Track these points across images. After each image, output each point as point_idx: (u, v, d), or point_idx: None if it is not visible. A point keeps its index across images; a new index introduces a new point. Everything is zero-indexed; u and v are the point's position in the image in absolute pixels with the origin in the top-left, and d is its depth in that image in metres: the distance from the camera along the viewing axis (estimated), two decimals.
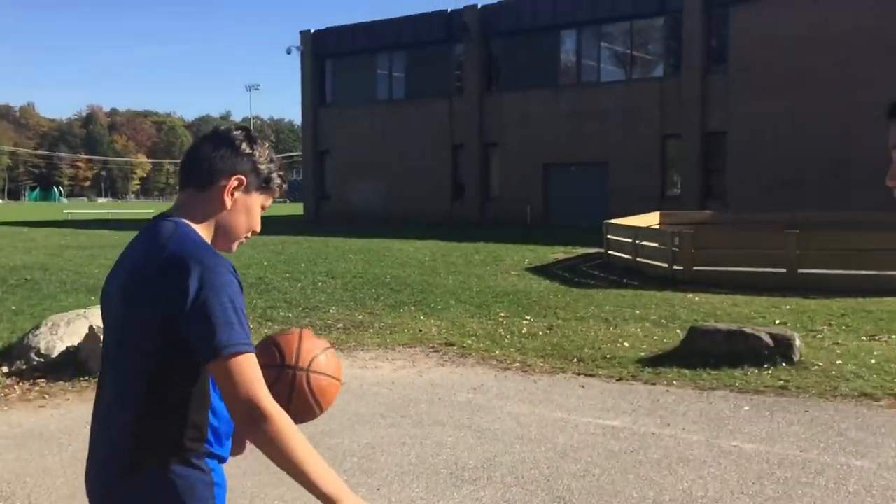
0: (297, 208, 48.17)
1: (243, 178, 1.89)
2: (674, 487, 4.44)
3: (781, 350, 6.96)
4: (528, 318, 9.76)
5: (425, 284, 12.51)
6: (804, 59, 24.06)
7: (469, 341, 8.45)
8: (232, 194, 1.88)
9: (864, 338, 8.16)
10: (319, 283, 12.58)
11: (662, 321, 9.31)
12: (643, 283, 12.43)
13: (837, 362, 7.04)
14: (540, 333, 8.82)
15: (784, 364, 6.88)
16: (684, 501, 4.25)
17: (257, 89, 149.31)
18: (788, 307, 9.97)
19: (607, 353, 7.75)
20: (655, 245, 13.69)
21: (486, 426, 5.62)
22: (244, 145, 1.90)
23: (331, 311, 10.30)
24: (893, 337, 8.14)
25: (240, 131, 1.93)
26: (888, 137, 1.69)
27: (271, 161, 1.95)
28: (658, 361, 7.33)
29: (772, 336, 7.07)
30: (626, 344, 8.12)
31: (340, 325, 9.38)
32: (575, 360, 7.58)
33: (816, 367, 6.86)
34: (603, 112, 27.75)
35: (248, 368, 1.69)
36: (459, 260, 15.97)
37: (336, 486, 1.73)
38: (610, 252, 15.32)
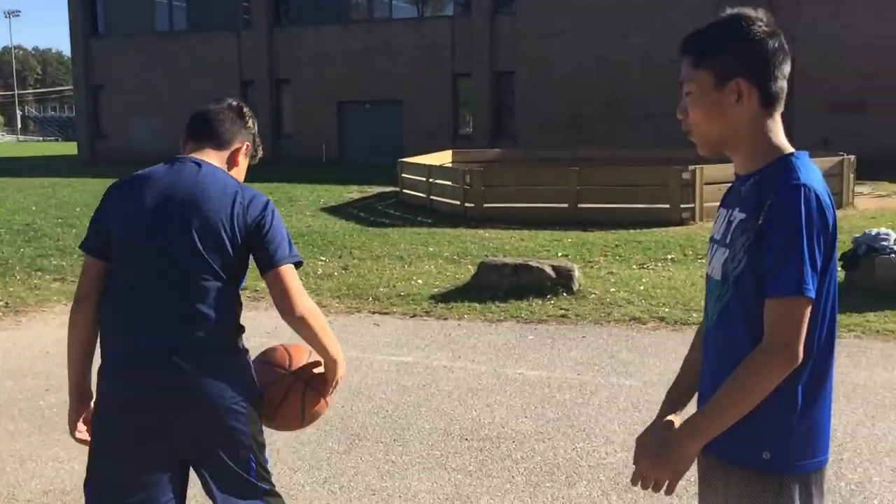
0: (70, 148, 44.48)
1: (249, 145, 2.53)
2: (463, 417, 4.61)
3: (563, 281, 7.38)
4: (324, 258, 9.68)
5: None
6: (586, 1, 25.20)
7: (263, 284, 8.25)
8: (242, 156, 2.50)
9: (634, 267, 8.83)
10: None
11: (455, 257, 9.57)
12: (436, 221, 12.68)
13: (611, 290, 7.58)
14: (335, 274, 8.79)
15: (565, 294, 7.31)
16: (473, 429, 4.43)
17: (18, 15, 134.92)
18: (570, 240, 10.58)
19: (402, 290, 7.86)
20: (448, 183, 13.98)
21: None
22: (251, 121, 2.56)
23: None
24: (659, 265, 8.87)
25: (248, 108, 2.59)
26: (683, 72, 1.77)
27: (258, 135, 2.63)
28: (450, 297, 7.54)
29: (554, 268, 7.48)
30: (420, 281, 8.28)
31: None
32: (370, 298, 7.63)
33: (593, 296, 7.35)
34: (395, 50, 27.70)
35: (297, 275, 2.25)
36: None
37: (339, 351, 2.32)
38: (404, 191, 15.47)
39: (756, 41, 1.71)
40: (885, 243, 7.24)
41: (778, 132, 1.74)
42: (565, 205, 12.60)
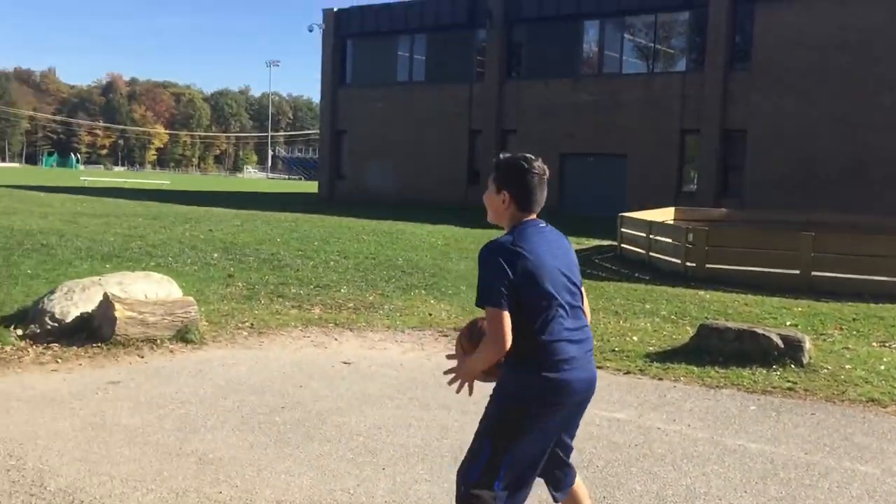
0: (312, 186, 48.25)
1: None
2: (677, 483, 4.46)
3: (791, 352, 6.95)
4: None
5: (437, 269, 12.54)
6: (827, 59, 23.86)
7: None
8: None
9: (874, 344, 8.13)
10: (332, 263, 12.63)
11: (673, 317, 9.31)
12: (655, 278, 12.41)
13: (846, 367, 7.02)
14: None
15: (793, 366, 6.87)
16: (687, 497, 4.27)
17: (277, 65, 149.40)
18: (800, 309, 9.94)
19: (616, 346, 7.76)
20: (669, 240, 13.66)
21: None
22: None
23: (342, 290, 10.34)
24: None
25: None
26: None
27: None
28: (666, 357, 7.34)
29: (782, 337, 7.06)
30: (634, 338, 8.13)
31: (351, 305, 9.41)
32: None
33: (825, 371, 6.85)
34: (623, 104, 27.64)
35: (490, 314, 2.86)
36: (472, 246, 15.98)
37: (472, 364, 2.99)
38: (623, 245, 15.30)
39: None
40: None
41: None
42: (796, 271, 11.88)
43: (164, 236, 14.98)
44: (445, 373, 3.18)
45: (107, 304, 6.86)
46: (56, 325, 6.93)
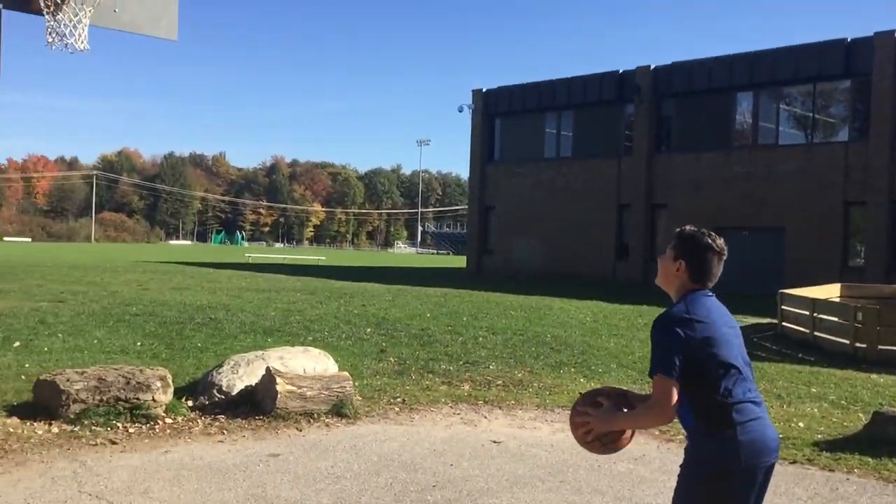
0: (460, 261, 49.04)
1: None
2: None
3: None
4: None
5: (586, 346, 12.36)
6: None
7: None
8: None
9: None
10: (480, 338, 12.71)
11: (842, 402, 8.71)
12: (821, 360, 11.69)
13: None
14: None
15: None
16: None
17: (427, 144, 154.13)
18: None
19: (780, 432, 7.29)
20: (836, 319, 12.86)
21: (649, 500, 5.44)
22: None
23: (490, 367, 10.36)
24: None
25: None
26: None
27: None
28: (837, 446, 6.85)
29: None
30: (801, 424, 7.65)
31: (500, 382, 9.41)
32: None
33: None
34: (780, 176, 26.61)
35: (658, 382, 2.93)
36: (622, 322, 15.67)
37: (619, 422, 3.08)
38: (784, 324, 14.54)
39: None
40: None
41: None
42: None
43: (321, 311, 15.60)
44: (575, 417, 3.18)
45: (269, 378, 7.19)
46: (223, 397, 7.33)
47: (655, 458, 6.52)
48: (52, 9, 5.81)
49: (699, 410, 2.85)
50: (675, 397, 2.83)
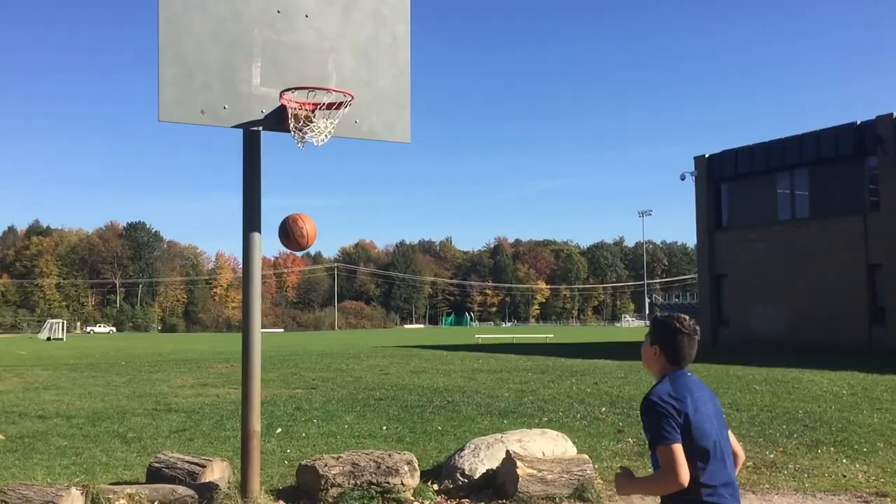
0: None
1: None
2: None
3: None
4: None
5: (845, 422, 11.31)
6: None
7: None
8: None
9: None
10: (724, 415, 12.03)
11: None
12: None
13: None
14: None
15: None
16: None
17: (650, 214, 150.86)
18: None
19: None
20: None
21: None
22: None
23: None
24: None
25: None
26: None
27: None
28: None
29: None
30: None
31: (750, 464, 8.82)
32: None
33: None
34: None
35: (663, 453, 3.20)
36: (885, 395, 14.21)
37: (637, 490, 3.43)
38: None
39: None
40: None
41: None
42: None
43: (553, 391, 15.56)
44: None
45: (510, 461, 7.25)
46: (466, 480, 7.47)
47: None
48: (300, 125, 6.48)
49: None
50: (682, 458, 3.12)
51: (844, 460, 8.93)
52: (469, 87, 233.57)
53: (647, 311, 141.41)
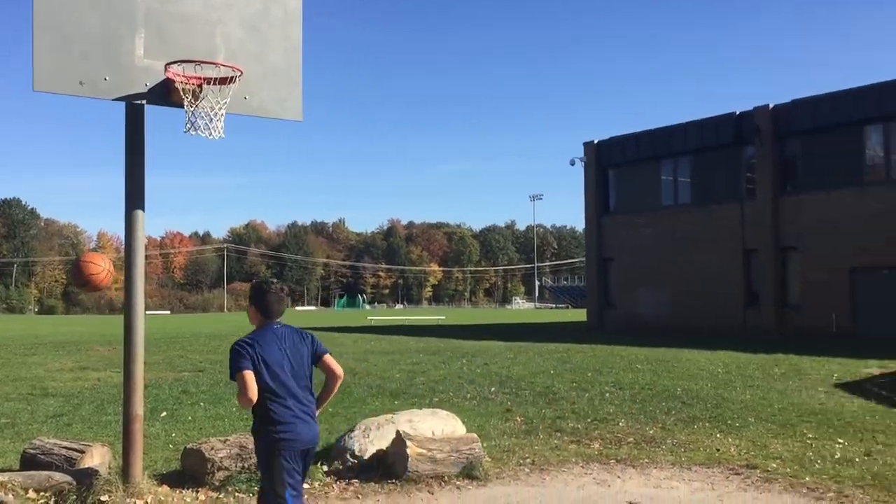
0: (579, 315, 48.38)
1: None
2: None
3: None
4: (842, 441, 8.89)
5: (720, 398, 11.91)
6: None
7: (773, 464, 7.87)
8: None
9: None
10: (607, 394, 12.47)
11: None
12: None
13: None
14: (857, 460, 7.99)
15: None
16: None
17: (540, 199, 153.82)
18: None
19: None
20: None
21: None
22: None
23: (620, 423, 10.13)
24: None
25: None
26: None
27: None
28: None
29: None
30: None
31: (631, 440, 9.18)
32: None
33: None
34: None
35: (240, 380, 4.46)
36: (756, 373, 15.03)
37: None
38: None
39: None
40: None
41: None
42: None
43: (445, 371, 15.71)
44: None
45: (399, 441, 7.28)
46: (355, 461, 7.47)
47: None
48: (191, 100, 6.25)
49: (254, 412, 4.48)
50: (250, 384, 4.31)
51: (718, 435, 9.41)
52: (363, 68, 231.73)
53: (537, 294, 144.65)
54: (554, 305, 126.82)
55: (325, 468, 7.48)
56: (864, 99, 26.65)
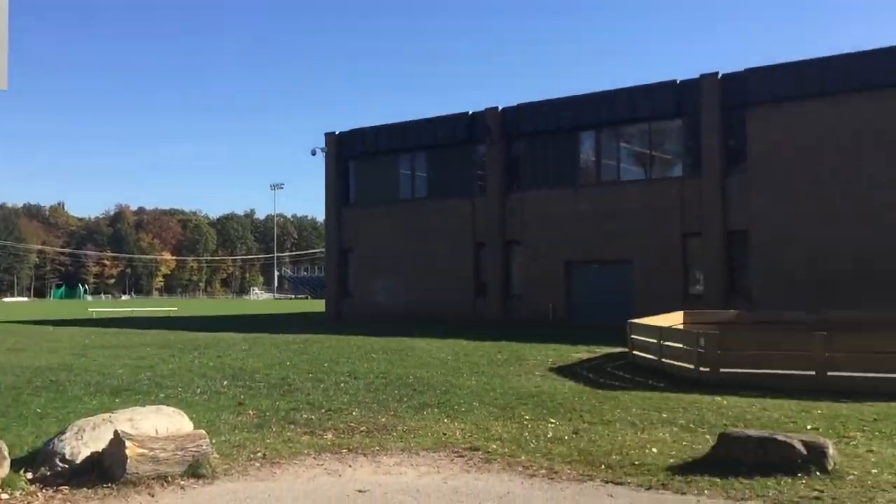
0: (319, 305, 48.41)
1: None
2: None
3: (815, 458, 6.80)
4: (554, 421, 9.62)
5: (448, 385, 12.43)
6: (820, 160, 24.35)
7: (494, 445, 8.33)
8: None
9: None
10: (342, 384, 12.53)
11: (691, 426, 9.15)
12: (669, 385, 12.26)
13: (873, 471, 6.85)
14: (566, 438, 8.69)
15: (818, 473, 6.71)
16: None
17: (281, 188, 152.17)
18: (819, 412, 9.77)
19: (635, 458, 7.60)
20: (680, 346, 13.57)
21: None
22: None
23: (353, 413, 10.22)
24: None
25: None
26: None
27: None
28: (688, 469, 7.17)
29: (804, 444, 6.92)
30: (654, 449, 7.96)
31: (363, 429, 9.29)
32: (602, 466, 7.43)
33: (851, 477, 6.68)
34: (624, 211, 28.03)
35: None
36: (482, 360, 15.89)
37: None
38: (634, 352, 15.19)
39: None
40: None
41: None
42: (812, 372, 11.74)
43: (174, 365, 14.94)
44: None
45: (117, 442, 6.77)
46: (66, 466, 6.83)
47: (519, 494, 6.60)
48: None
49: None
50: None
51: (446, 420, 9.80)
52: (78, 38, 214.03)
53: (276, 284, 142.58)
54: (294, 296, 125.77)
55: (30, 475, 6.77)
56: (580, 106, 29.23)
